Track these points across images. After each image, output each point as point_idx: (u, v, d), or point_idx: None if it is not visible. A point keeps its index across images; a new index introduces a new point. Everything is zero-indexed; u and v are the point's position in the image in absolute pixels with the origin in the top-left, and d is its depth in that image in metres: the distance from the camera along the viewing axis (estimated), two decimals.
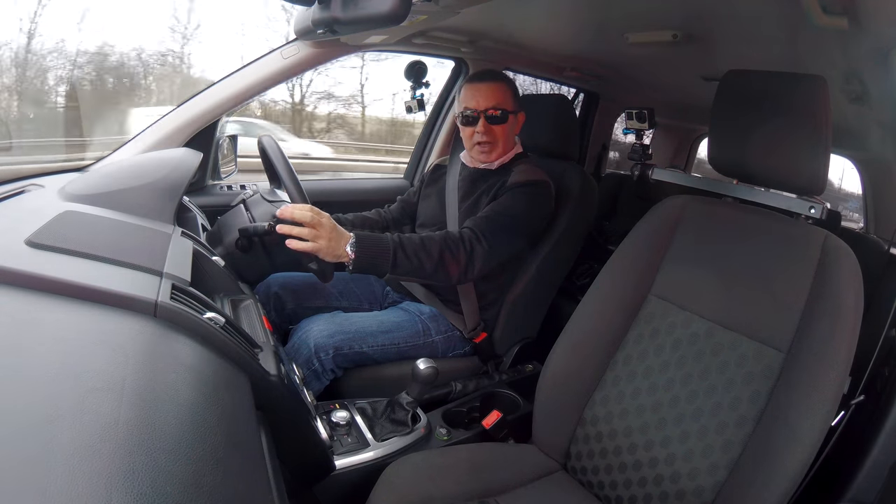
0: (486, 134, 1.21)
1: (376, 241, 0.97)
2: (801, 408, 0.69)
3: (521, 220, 1.14)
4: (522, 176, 1.19)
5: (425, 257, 0.99)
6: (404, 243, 0.98)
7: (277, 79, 1.26)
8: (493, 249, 1.07)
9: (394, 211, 1.45)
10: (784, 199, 0.85)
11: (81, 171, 1.10)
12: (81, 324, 0.45)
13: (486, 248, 1.06)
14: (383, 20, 0.65)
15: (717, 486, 0.74)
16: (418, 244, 1.00)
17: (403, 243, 0.98)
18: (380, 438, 0.92)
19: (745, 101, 0.85)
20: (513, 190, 1.16)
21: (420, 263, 0.99)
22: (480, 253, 1.05)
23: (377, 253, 0.96)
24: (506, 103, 1.21)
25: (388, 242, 0.97)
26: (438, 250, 1.01)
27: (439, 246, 1.01)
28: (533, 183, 1.18)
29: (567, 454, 0.92)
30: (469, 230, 1.07)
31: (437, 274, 1.02)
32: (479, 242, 1.05)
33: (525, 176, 1.19)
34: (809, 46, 1.02)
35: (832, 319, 0.71)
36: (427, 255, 0.99)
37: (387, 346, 1.15)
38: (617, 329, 0.91)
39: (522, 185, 1.17)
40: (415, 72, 1.56)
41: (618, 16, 1.20)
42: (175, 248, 0.71)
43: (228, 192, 1.41)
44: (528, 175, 1.19)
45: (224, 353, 0.54)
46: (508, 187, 1.18)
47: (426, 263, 0.99)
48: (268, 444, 0.56)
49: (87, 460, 0.30)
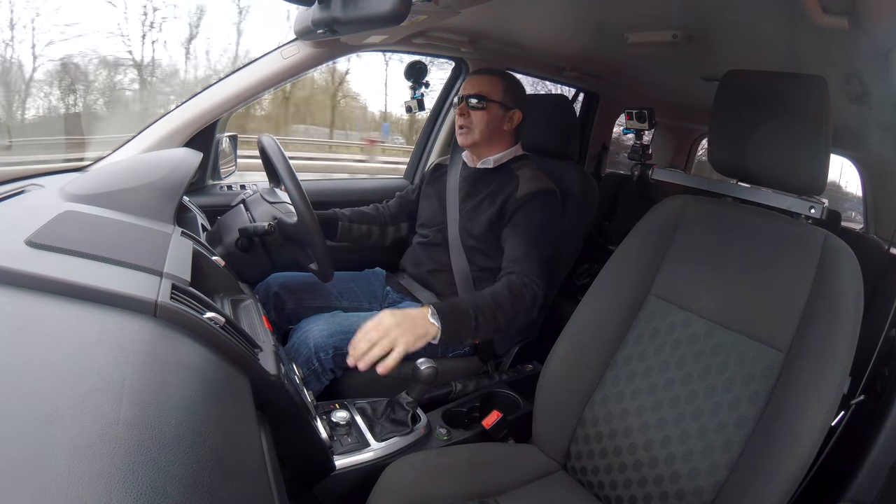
0: (463, 117, 1.24)
1: (455, 307, 0.95)
2: (801, 408, 0.69)
3: (546, 234, 1.16)
4: (532, 185, 1.20)
5: (500, 315, 1.00)
6: (481, 307, 0.97)
7: (277, 79, 1.26)
8: (541, 283, 1.09)
9: (392, 207, 1.46)
10: (784, 199, 0.85)
11: (81, 171, 1.10)
12: (81, 324, 0.45)
13: (542, 287, 1.08)
14: (383, 20, 0.65)
15: (717, 486, 0.74)
16: (492, 305, 0.99)
17: (479, 306, 0.97)
18: (380, 438, 0.91)
19: (745, 101, 0.85)
20: (527, 205, 1.17)
21: (496, 322, 1.00)
22: (540, 295, 1.08)
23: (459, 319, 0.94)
24: (490, 93, 1.22)
25: (469, 310, 0.95)
26: (510, 304, 1.02)
27: (510, 300, 1.02)
28: (545, 192, 1.20)
29: (567, 454, 0.92)
30: (523, 275, 1.07)
31: (510, 326, 1.04)
32: (537, 286, 1.07)
33: (535, 185, 1.20)
34: (809, 46, 1.02)
35: (832, 319, 0.71)
36: (501, 312, 1.00)
37: None
38: (617, 329, 0.91)
39: (534, 196, 1.18)
40: (415, 72, 1.56)
41: (618, 16, 1.20)
42: (175, 248, 0.71)
43: (228, 192, 1.41)
44: (537, 184, 1.20)
45: (224, 353, 0.54)
46: (520, 200, 1.18)
47: (501, 320, 1.00)
48: (268, 444, 0.56)
49: (86, 460, 0.30)
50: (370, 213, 1.41)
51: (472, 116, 1.24)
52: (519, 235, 1.15)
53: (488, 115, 1.24)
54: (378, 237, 1.42)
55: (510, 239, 1.16)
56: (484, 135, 1.25)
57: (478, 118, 1.24)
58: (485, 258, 1.24)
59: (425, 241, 1.33)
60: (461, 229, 1.25)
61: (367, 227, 1.39)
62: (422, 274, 1.31)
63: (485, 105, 1.23)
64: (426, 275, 1.30)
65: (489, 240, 1.22)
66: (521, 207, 1.17)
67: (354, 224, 1.37)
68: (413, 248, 1.37)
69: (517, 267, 1.09)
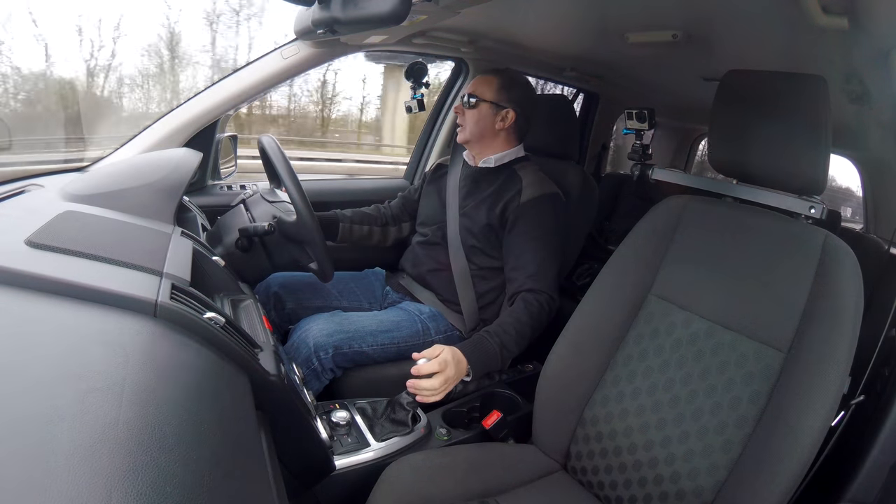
0: (460, 116, 1.28)
1: (485, 351, 1.01)
2: (801, 408, 0.69)
3: (554, 238, 1.19)
4: (535, 190, 1.20)
5: (522, 342, 1.07)
6: (505, 342, 1.03)
7: (277, 79, 1.26)
8: (556, 288, 1.15)
9: (394, 207, 1.46)
10: (784, 199, 0.85)
11: (81, 171, 1.10)
12: (81, 324, 0.45)
13: (554, 297, 1.14)
14: (383, 20, 0.66)
15: (717, 486, 0.74)
16: (514, 333, 1.05)
17: (504, 343, 1.03)
18: (380, 438, 0.92)
19: (744, 101, 0.85)
20: (533, 210, 1.19)
21: (520, 349, 1.07)
22: (553, 305, 1.13)
23: (487, 361, 1.02)
24: (484, 93, 1.25)
25: (495, 348, 1.02)
26: (531, 330, 1.08)
27: (530, 326, 1.07)
28: (550, 197, 1.21)
29: (567, 454, 0.92)
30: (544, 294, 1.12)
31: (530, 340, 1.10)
32: (550, 299, 1.12)
33: (538, 189, 1.21)
34: (809, 46, 1.02)
35: (832, 319, 0.71)
36: (523, 339, 1.07)
37: (386, 345, 1.15)
38: (617, 329, 0.91)
39: (540, 201, 1.19)
40: (415, 72, 1.56)
41: (618, 16, 1.20)
42: (175, 248, 0.71)
43: (228, 192, 1.41)
44: (541, 188, 1.21)
45: (224, 353, 0.54)
46: (525, 206, 1.19)
47: (523, 346, 1.07)
48: (268, 444, 0.56)
49: (87, 460, 0.30)
50: (371, 214, 1.41)
51: (466, 115, 1.27)
52: (530, 245, 1.16)
53: (478, 114, 1.26)
54: (379, 238, 1.42)
55: (520, 248, 1.17)
56: (474, 133, 1.27)
57: (469, 115, 1.27)
58: (484, 257, 1.24)
59: (424, 239, 1.33)
60: (461, 228, 1.25)
61: (368, 228, 1.39)
62: (421, 274, 1.31)
63: (476, 104, 1.25)
64: (426, 274, 1.30)
65: (489, 239, 1.22)
66: (526, 213, 1.18)
67: (355, 225, 1.37)
68: (412, 247, 1.37)
69: (533, 283, 1.12)
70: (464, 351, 0.97)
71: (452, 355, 0.94)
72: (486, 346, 1.01)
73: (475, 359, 0.98)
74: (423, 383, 0.91)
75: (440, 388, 0.92)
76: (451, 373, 0.93)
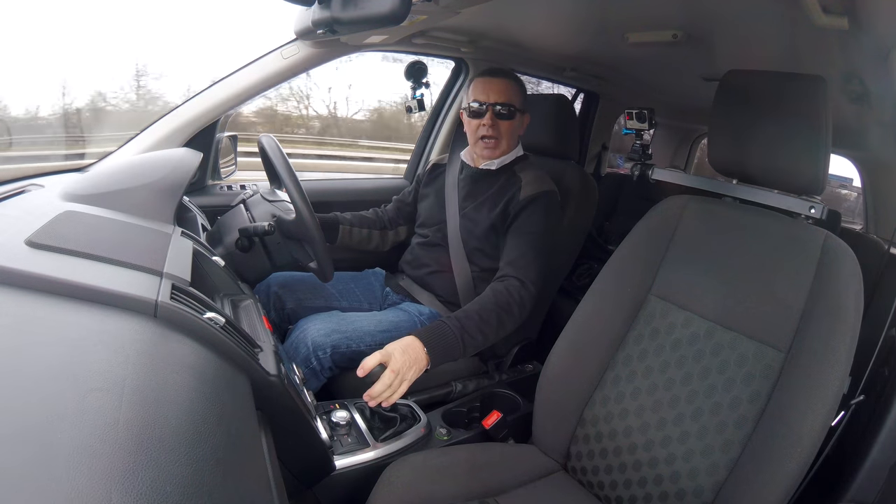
0: (492, 128, 1.20)
1: (442, 335, 0.95)
2: (801, 408, 0.69)
3: (545, 237, 1.16)
4: (534, 187, 1.20)
5: (487, 329, 1.00)
6: (466, 326, 0.97)
7: (277, 79, 1.25)
8: (535, 285, 1.09)
9: (389, 211, 1.46)
10: (784, 199, 0.85)
11: (81, 171, 1.10)
12: (81, 324, 0.45)
13: (531, 291, 1.08)
14: (383, 20, 0.65)
15: (717, 485, 0.74)
16: (477, 319, 0.99)
17: (465, 326, 0.97)
18: (380, 438, 0.92)
19: (744, 101, 0.85)
20: (529, 207, 1.17)
21: (485, 336, 1.00)
22: (528, 298, 1.07)
23: (446, 346, 0.95)
24: (514, 101, 1.21)
25: (454, 332, 0.96)
26: (496, 317, 1.02)
27: (496, 312, 1.02)
28: (545, 194, 1.19)
29: (567, 454, 0.92)
30: (513, 279, 1.07)
31: (499, 335, 1.04)
32: (525, 289, 1.07)
33: (537, 187, 1.20)
34: (809, 46, 1.02)
35: (832, 319, 0.71)
36: (488, 326, 1.00)
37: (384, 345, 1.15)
38: (617, 329, 0.91)
39: (536, 198, 1.18)
40: (415, 72, 1.56)
41: (618, 16, 1.20)
42: (175, 248, 0.71)
43: (228, 192, 1.41)
44: (539, 186, 1.20)
45: (224, 354, 0.54)
46: (523, 202, 1.18)
47: (489, 333, 1.01)
48: (268, 444, 0.56)
49: (87, 460, 0.30)
50: (370, 218, 1.41)
51: (501, 126, 1.20)
52: (518, 238, 1.15)
53: (514, 124, 1.22)
54: (378, 241, 1.43)
55: (510, 241, 1.16)
56: (511, 145, 1.24)
57: (505, 127, 1.21)
58: (486, 259, 1.24)
59: (425, 240, 1.33)
60: (462, 229, 1.25)
61: (367, 232, 1.39)
62: (422, 275, 1.31)
63: (513, 114, 1.20)
64: (426, 276, 1.30)
65: (491, 241, 1.22)
66: (523, 209, 1.17)
67: (355, 228, 1.37)
68: (412, 248, 1.37)
69: (511, 269, 1.09)
70: (419, 336, 0.92)
71: (399, 344, 0.89)
72: (444, 330, 0.95)
73: (433, 343, 0.92)
74: (375, 388, 0.86)
75: (395, 384, 0.86)
76: (398, 363, 0.87)
